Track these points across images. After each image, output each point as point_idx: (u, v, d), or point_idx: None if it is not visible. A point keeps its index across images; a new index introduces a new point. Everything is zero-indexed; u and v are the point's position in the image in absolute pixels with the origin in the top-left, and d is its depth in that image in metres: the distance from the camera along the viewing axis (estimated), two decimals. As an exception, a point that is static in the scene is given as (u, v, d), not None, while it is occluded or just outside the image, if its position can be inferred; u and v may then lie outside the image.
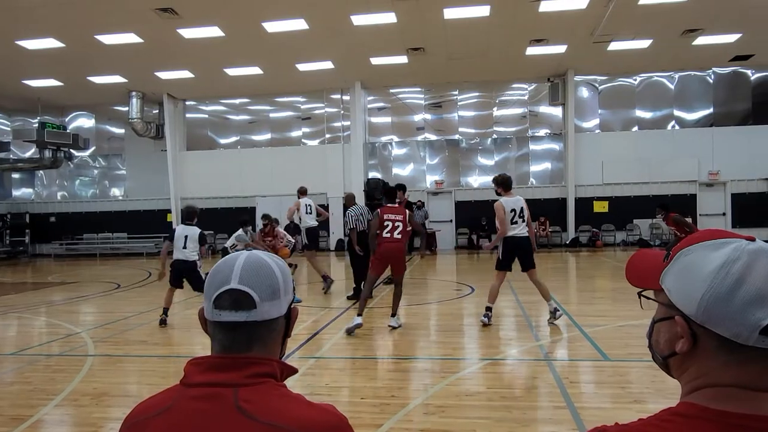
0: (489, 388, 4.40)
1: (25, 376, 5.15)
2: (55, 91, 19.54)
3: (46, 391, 4.62)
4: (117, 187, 22.29)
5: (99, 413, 4.13)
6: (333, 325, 7.05)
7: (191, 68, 17.77)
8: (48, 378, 5.03)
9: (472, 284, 10.47)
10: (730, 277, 0.74)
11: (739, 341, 0.74)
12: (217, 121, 21.54)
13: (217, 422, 0.92)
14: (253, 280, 1.01)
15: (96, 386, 4.75)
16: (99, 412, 4.16)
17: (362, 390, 4.48)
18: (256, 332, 1.02)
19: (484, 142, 20.26)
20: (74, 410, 4.22)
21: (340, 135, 20.62)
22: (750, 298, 0.73)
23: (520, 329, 6.65)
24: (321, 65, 17.56)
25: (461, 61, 17.29)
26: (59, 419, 4.10)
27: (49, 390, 4.66)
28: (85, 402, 4.35)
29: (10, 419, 3.98)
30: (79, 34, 14.43)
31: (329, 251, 20.01)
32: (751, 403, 0.75)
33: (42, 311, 8.92)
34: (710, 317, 0.75)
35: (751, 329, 0.72)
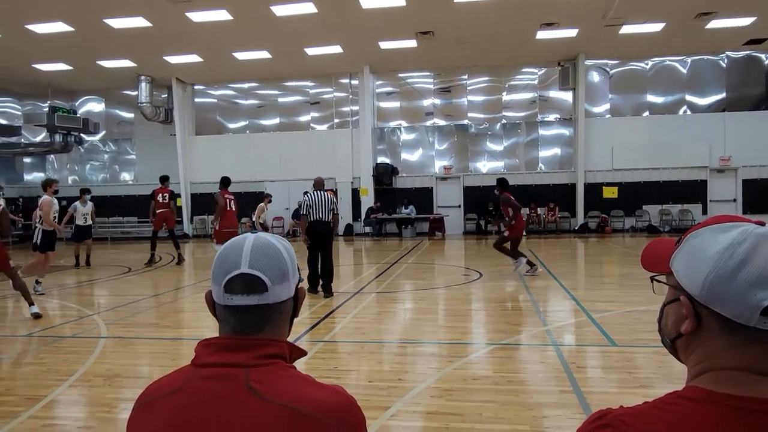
0: (496, 372, 4.43)
1: (40, 357, 5.25)
2: (65, 76, 19.60)
3: (60, 372, 4.70)
4: (127, 171, 22.42)
5: (112, 394, 4.21)
6: (341, 309, 7.11)
7: (200, 52, 17.74)
8: (62, 359, 5.12)
9: (480, 269, 10.49)
10: (735, 258, 0.76)
11: (741, 321, 0.75)
12: (226, 105, 21.55)
13: (228, 402, 0.94)
14: (263, 263, 1.01)
15: (108, 367, 4.83)
16: (112, 392, 4.24)
17: (370, 373, 4.52)
18: (267, 314, 1.03)
19: (493, 128, 20.14)
20: (88, 391, 4.30)
21: (349, 120, 20.58)
22: (752, 279, 0.74)
23: (528, 314, 6.67)
24: (329, 49, 17.47)
25: (470, 45, 17.13)
26: (73, 399, 4.18)
27: (62, 371, 4.74)
28: (98, 383, 4.43)
29: (25, 399, 4.06)
30: (87, 18, 14.43)
31: (337, 236, 20.05)
32: (753, 387, 0.76)
33: (54, 294, 9.05)
34: (713, 297, 0.77)
35: (753, 309, 0.74)
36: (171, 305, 7.77)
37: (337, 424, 0.94)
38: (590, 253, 14.22)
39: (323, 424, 0.93)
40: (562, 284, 8.58)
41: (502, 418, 3.49)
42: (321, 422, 0.93)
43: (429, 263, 12.34)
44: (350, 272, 11.47)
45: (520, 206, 10.12)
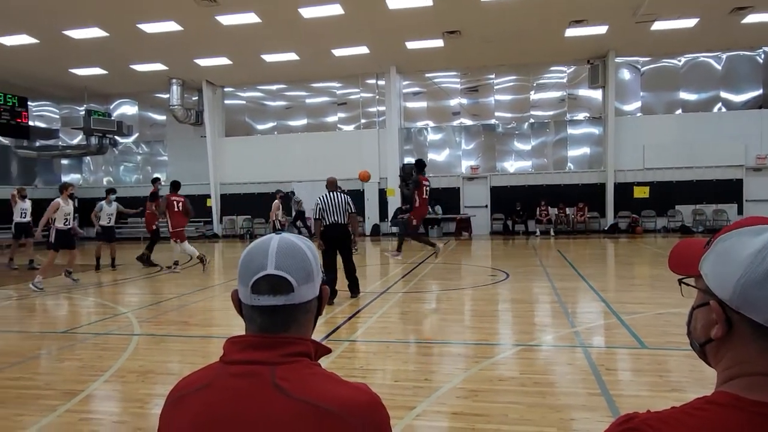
0: (522, 374, 4.40)
1: (76, 353, 5.42)
2: (100, 80, 20.15)
3: (95, 368, 4.85)
4: (159, 172, 22.87)
5: (144, 389, 4.32)
6: (367, 309, 7.14)
7: (229, 55, 18.02)
8: (97, 355, 5.28)
9: (507, 270, 10.41)
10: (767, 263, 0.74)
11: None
12: (255, 107, 21.84)
13: (255, 399, 0.96)
14: (289, 264, 1.03)
15: (141, 364, 4.96)
16: (144, 388, 4.35)
17: (396, 373, 4.54)
18: (293, 314, 1.05)
19: (521, 127, 19.94)
20: (121, 386, 4.42)
21: (376, 120, 20.63)
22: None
23: (556, 315, 6.59)
24: (356, 50, 17.56)
25: (498, 43, 17.00)
26: (108, 394, 4.31)
27: (98, 366, 4.89)
28: (132, 379, 4.56)
29: (62, 393, 4.20)
30: (121, 23, 14.82)
31: (364, 236, 20.14)
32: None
33: (90, 292, 9.32)
34: (745, 302, 0.75)
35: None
36: (200, 303, 7.92)
37: (361, 421, 0.95)
38: (620, 254, 13.96)
39: (347, 421, 0.94)
40: (591, 285, 8.45)
41: (528, 420, 3.47)
42: (345, 420, 0.94)
43: (455, 263, 12.30)
44: (376, 272, 11.51)
45: (421, 191, 10.10)
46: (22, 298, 8.77)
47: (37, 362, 5.24)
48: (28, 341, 6.06)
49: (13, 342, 6.04)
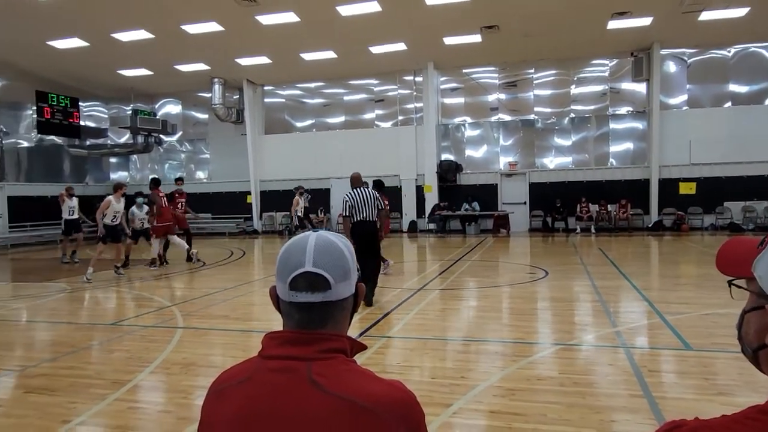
0: (561, 374, 4.35)
1: (124, 344, 5.64)
2: (146, 80, 20.79)
3: (142, 359, 5.04)
4: (202, 170, 23.49)
5: (188, 381, 4.47)
6: (404, 305, 7.17)
7: (269, 54, 18.31)
8: (143, 347, 5.48)
9: (546, 267, 10.25)
10: None
11: None
12: (294, 104, 22.12)
13: (292, 394, 0.99)
14: (326, 262, 1.04)
15: (185, 356, 5.13)
16: (188, 380, 4.50)
17: (433, 370, 4.56)
18: (330, 311, 1.06)
19: (561, 122, 19.55)
20: (166, 377, 4.58)
21: (413, 117, 20.60)
22: None
23: (596, 315, 6.47)
24: (394, 47, 17.56)
25: (537, 38, 16.70)
26: (153, 385, 4.47)
27: (144, 358, 5.08)
28: (176, 370, 4.72)
29: (111, 383, 4.39)
30: (166, 25, 15.26)
31: (401, 232, 20.18)
32: None
33: (137, 285, 9.66)
34: None
35: None
36: (242, 298, 8.10)
37: (396, 418, 0.97)
38: (665, 252, 13.55)
39: (383, 418, 0.95)
40: (634, 284, 8.24)
41: (567, 420, 3.43)
42: (381, 416, 0.95)
43: (493, 260, 12.19)
44: (414, 269, 11.52)
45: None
46: (74, 291, 9.16)
47: (89, 352, 5.47)
48: (80, 332, 6.34)
49: (66, 333, 6.33)
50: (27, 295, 8.96)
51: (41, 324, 6.93)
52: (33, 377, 4.62)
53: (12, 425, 3.60)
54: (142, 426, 3.61)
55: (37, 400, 4.06)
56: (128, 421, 3.66)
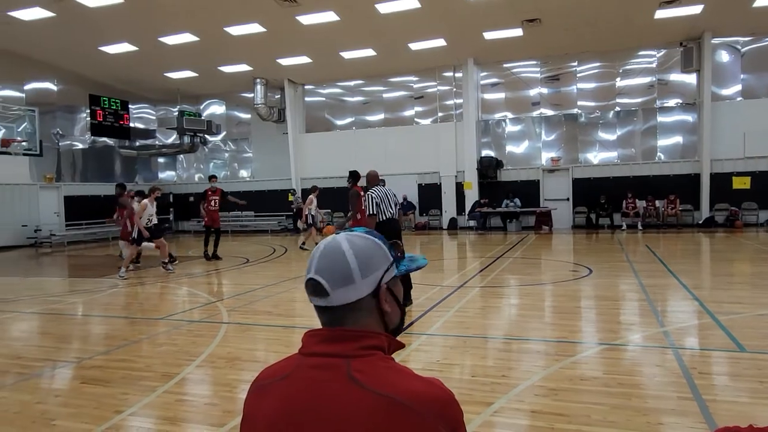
0: (606, 374, 4.25)
1: (172, 338, 5.83)
2: (191, 82, 21.39)
3: (189, 353, 5.20)
4: (245, 168, 24.00)
5: (233, 375, 4.59)
6: (444, 303, 7.14)
7: (309, 53, 18.53)
8: (190, 341, 5.66)
9: (590, 265, 10.02)
10: None
11: None
12: (334, 103, 22.31)
13: (332, 390, 1.00)
14: (324, 268, 1.07)
15: (229, 351, 5.27)
16: (233, 374, 4.62)
17: (473, 368, 4.53)
18: (340, 314, 1.07)
19: (606, 116, 19.03)
20: (212, 371, 4.72)
21: (453, 113, 20.45)
22: None
23: (643, 314, 6.28)
24: (433, 43, 17.48)
25: (580, 30, 16.30)
26: (200, 378, 4.61)
27: (191, 352, 5.24)
28: (221, 364, 4.85)
29: (161, 375, 4.55)
30: (210, 28, 15.66)
31: (441, 229, 20.09)
32: None
33: (184, 282, 9.96)
34: None
35: None
36: (284, 295, 8.24)
37: (434, 415, 0.97)
38: (717, 250, 13.02)
39: (421, 415, 0.96)
40: (683, 283, 7.97)
41: (612, 422, 3.36)
42: (419, 413, 0.96)
43: (535, 258, 12.00)
44: (454, 266, 11.46)
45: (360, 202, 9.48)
46: (125, 287, 9.53)
47: (139, 346, 5.69)
48: (131, 326, 6.60)
49: (119, 327, 6.60)
50: (82, 291, 9.37)
51: (95, 318, 7.24)
52: (88, 369, 4.83)
53: (70, 414, 3.78)
54: (189, 418, 3.73)
55: (92, 390, 4.25)
56: (176, 413, 3.79)
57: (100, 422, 3.59)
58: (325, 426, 0.98)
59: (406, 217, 20.39)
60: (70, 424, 3.58)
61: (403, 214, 20.33)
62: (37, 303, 8.28)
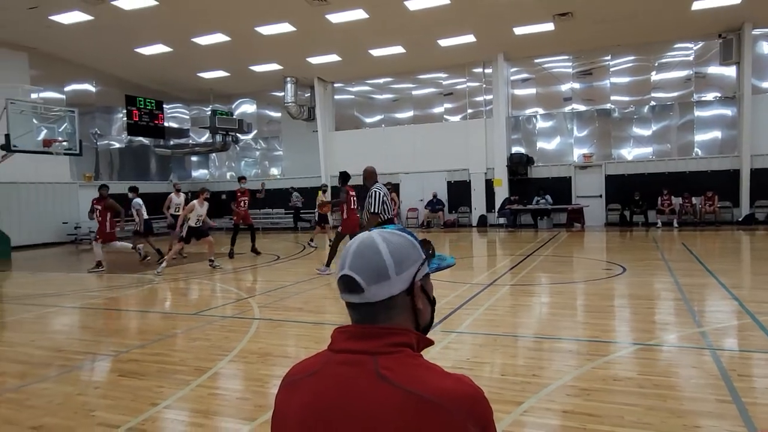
0: (640, 375, 4.16)
1: (205, 333, 5.95)
2: (223, 81, 21.75)
3: (222, 348, 5.30)
4: (275, 166, 24.29)
5: (264, 370, 4.66)
6: (474, 300, 7.10)
7: (339, 52, 18.62)
8: (223, 336, 5.76)
9: (624, 263, 9.81)
10: None
11: None
12: (363, 101, 22.37)
13: (360, 387, 1.01)
14: (359, 265, 1.06)
15: (261, 346, 5.35)
16: (264, 369, 4.69)
17: (503, 367, 4.50)
18: (373, 310, 1.07)
19: (640, 111, 18.58)
20: (244, 366, 4.80)
21: (483, 109, 20.27)
22: None
23: (679, 313, 6.13)
24: (462, 39, 17.36)
25: (614, 23, 15.95)
26: (232, 373, 4.70)
27: (223, 347, 5.34)
28: (253, 359, 4.93)
29: (194, 370, 4.65)
30: (242, 28, 15.89)
31: (471, 227, 19.96)
32: None
33: (216, 278, 10.15)
34: None
35: None
36: (314, 291, 8.32)
37: (463, 413, 0.97)
38: (757, 248, 12.59)
39: (450, 412, 0.96)
40: (721, 282, 7.74)
41: (647, 424, 3.29)
42: (448, 410, 0.96)
43: (567, 256, 11.82)
44: (483, 264, 11.38)
45: (348, 201, 9.59)
46: (160, 282, 9.76)
47: (173, 340, 5.82)
48: (166, 321, 6.76)
49: (154, 321, 6.77)
50: (119, 286, 9.64)
51: (131, 312, 7.45)
52: (125, 362, 4.98)
53: (109, 405, 3.90)
54: (222, 411, 3.80)
55: (129, 383, 4.38)
56: (210, 406, 3.87)
57: (136, 414, 3.69)
58: (354, 423, 0.99)
59: (434, 215, 20.35)
60: (108, 416, 3.69)
61: (431, 212, 20.32)
62: (77, 298, 8.56)
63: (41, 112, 14.82)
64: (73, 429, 3.51)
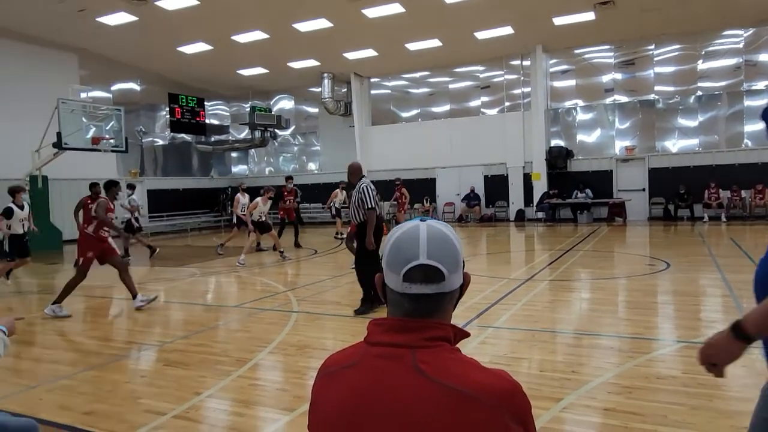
0: (685, 373, 4.05)
1: (246, 325, 6.09)
2: (262, 78, 22.09)
3: (262, 340, 5.42)
4: (313, 161, 24.53)
5: (302, 362, 4.74)
6: (511, 296, 7.04)
7: (375, 46, 18.64)
8: (263, 329, 5.89)
9: (668, 259, 9.53)
10: None
11: None
12: (399, 95, 22.34)
13: (397, 380, 1.01)
14: (440, 253, 1.04)
15: (299, 339, 5.44)
16: (302, 361, 4.78)
17: (542, 363, 4.44)
18: (440, 302, 1.06)
19: (686, 101, 17.94)
20: (283, 358, 4.90)
21: (521, 102, 19.96)
22: None
23: (727, 311, 5.92)
24: (500, 31, 17.11)
25: (658, 11, 15.43)
26: (272, 364, 4.80)
27: (263, 339, 5.46)
28: (292, 352, 5.02)
29: (236, 360, 4.78)
30: (280, 25, 16.09)
31: (508, 221, 19.72)
32: None
33: (256, 271, 10.35)
34: None
35: None
36: (351, 285, 8.38)
37: (501, 407, 0.96)
38: (813, 244, 12.02)
39: (488, 406, 0.96)
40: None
41: (691, 424, 3.21)
42: (485, 405, 0.96)
43: (608, 251, 11.55)
44: (521, 258, 11.24)
45: None
46: (203, 276, 10.03)
47: (215, 332, 5.98)
48: (208, 313, 6.95)
49: (197, 313, 6.96)
50: (163, 279, 9.95)
51: (175, 304, 7.68)
52: (170, 352, 5.14)
53: (154, 394, 4.05)
54: (262, 402, 3.90)
55: (173, 372, 4.53)
56: (250, 396, 3.97)
57: (180, 402, 3.82)
58: (391, 416, 0.99)
59: (470, 210, 20.20)
60: (154, 403, 3.83)
61: (467, 206, 20.17)
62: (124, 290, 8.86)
63: (90, 111, 15.39)
64: (121, 415, 3.66)
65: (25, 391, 4.21)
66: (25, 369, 4.80)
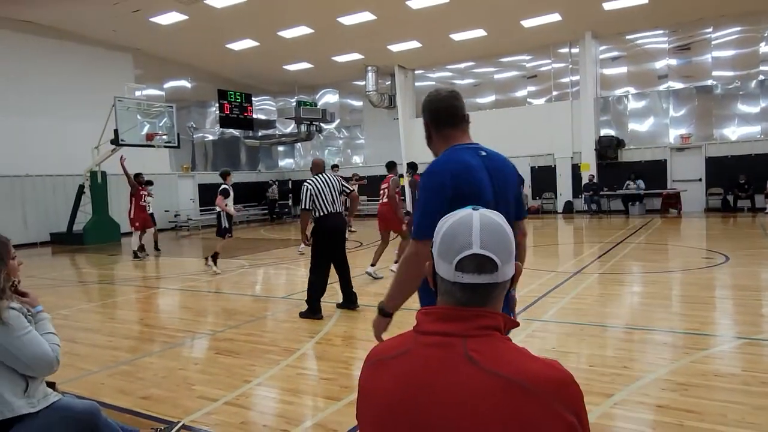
0: (745, 371, 3.87)
1: (293, 316, 6.20)
2: (307, 73, 22.36)
3: (309, 330, 5.52)
4: (357, 154, 24.69)
5: (348, 353, 4.80)
6: (560, 289, 6.89)
7: (419, 38, 18.53)
8: (309, 320, 5.98)
9: (726, 252, 9.11)
10: None
11: None
12: (444, 86, 22.13)
13: (448, 369, 1.00)
14: (494, 244, 1.03)
15: (345, 330, 5.51)
16: (348, 351, 4.84)
17: (591, 357, 4.35)
18: (492, 291, 1.06)
19: (747, 86, 17.04)
20: (329, 348, 4.97)
21: (569, 91, 19.45)
22: None
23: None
24: (547, 19, 16.69)
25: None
26: (319, 354, 4.88)
27: (310, 329, 5.56)
28: (338, 342, 5.09)
29: (283, 350, 4.88)
30: (324, 20, 16.23)
31: (556, 213, 19.31)
32: None
33: (302, 263, 10.51)
34: None
35: None
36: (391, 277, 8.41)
37: (553, 397, 0.95)
38: None
39: (539, 396, 0.94)
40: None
41: (752, 424, 3.07)
42: (537, 395, 0.94)
43: (661, 243, 11.15)
44: (570, 251, 10.99)
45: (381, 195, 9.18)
46: (251, 267, 10.27)
47: (264, 322, 6.13)
48: (257, 303, 7.13)
49: (246, 304, 7.14)
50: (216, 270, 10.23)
51: (226, 295, 7.90)
52: (221, 341, 5.31)
53: (207, 380, 4.19)
54: (309, 391, 3.97)
55: (224, 360, 4.67)
56: (298, 385, 4.05)
57: (231, 389, 3.94)
58: (442, 405, 0.98)
59: (518, 201, 19.85)
60: (207, 390, 3.96)
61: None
62: (178, 280, 9.20)
63: (144, 108, 15.96)
64: (176, 400, 3.80)
65: (88, 375, 4.44)
66: (88, 354, 5.05)
